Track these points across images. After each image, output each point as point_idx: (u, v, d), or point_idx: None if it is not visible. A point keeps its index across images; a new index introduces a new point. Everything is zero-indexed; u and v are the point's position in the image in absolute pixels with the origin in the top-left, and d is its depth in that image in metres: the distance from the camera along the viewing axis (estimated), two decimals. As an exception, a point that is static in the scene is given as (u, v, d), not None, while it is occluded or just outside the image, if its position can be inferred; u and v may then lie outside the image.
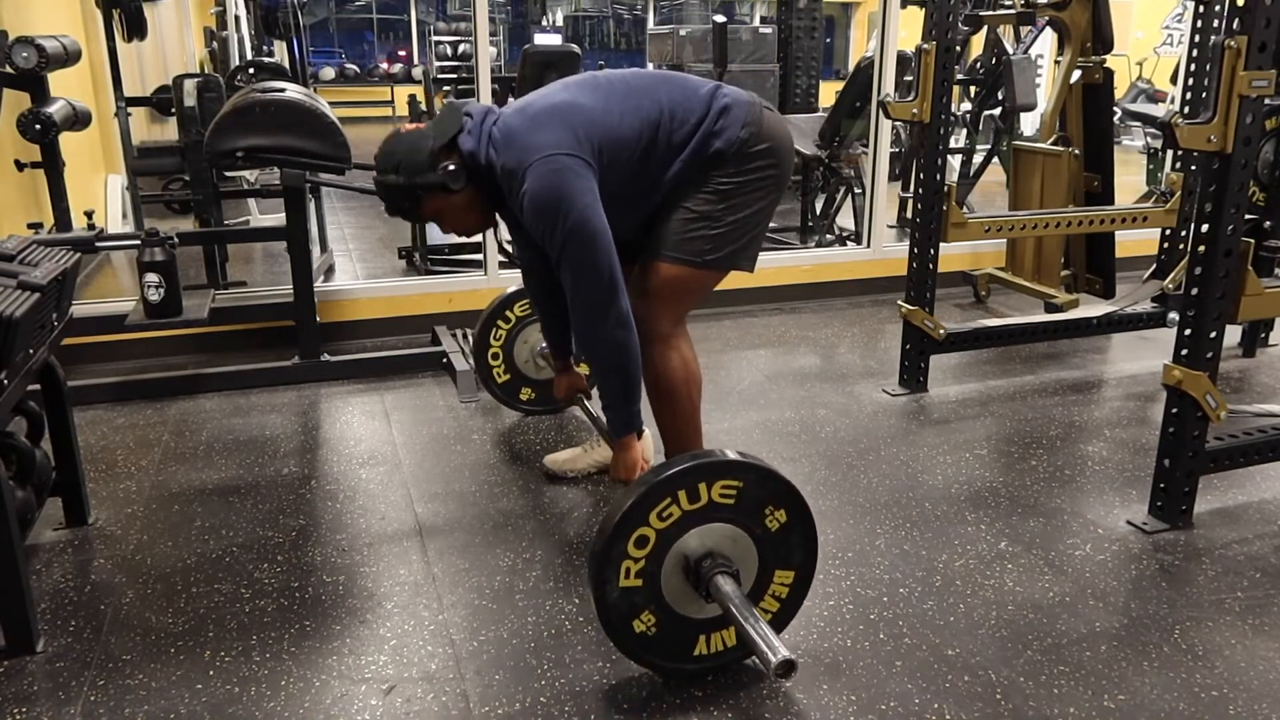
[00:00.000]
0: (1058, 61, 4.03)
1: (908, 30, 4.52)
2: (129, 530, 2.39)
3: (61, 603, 2.07)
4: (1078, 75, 3.91)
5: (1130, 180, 6.23)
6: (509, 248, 3.93)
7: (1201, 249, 2.22)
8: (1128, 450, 2.88)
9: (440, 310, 3.91)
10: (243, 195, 5.36)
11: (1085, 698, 1.78)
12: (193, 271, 4.15)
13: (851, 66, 7.22)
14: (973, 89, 5.91)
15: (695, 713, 1.74)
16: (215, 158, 3.11)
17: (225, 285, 4.23)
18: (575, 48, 5.10)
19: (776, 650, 1.56)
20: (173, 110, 4.16)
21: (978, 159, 5.96)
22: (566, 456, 2.70)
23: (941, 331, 3.33)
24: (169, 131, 5.72)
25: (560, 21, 17.07)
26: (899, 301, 3.37)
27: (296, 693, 1.79)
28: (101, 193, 5.37)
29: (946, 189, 3.21)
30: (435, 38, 14.47)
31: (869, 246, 4.65)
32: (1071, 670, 1.86)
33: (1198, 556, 2.28)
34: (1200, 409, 2.30)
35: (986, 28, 5.15)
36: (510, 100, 2.45)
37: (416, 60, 15.70)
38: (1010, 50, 5.07)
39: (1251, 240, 2.33)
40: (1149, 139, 6.87)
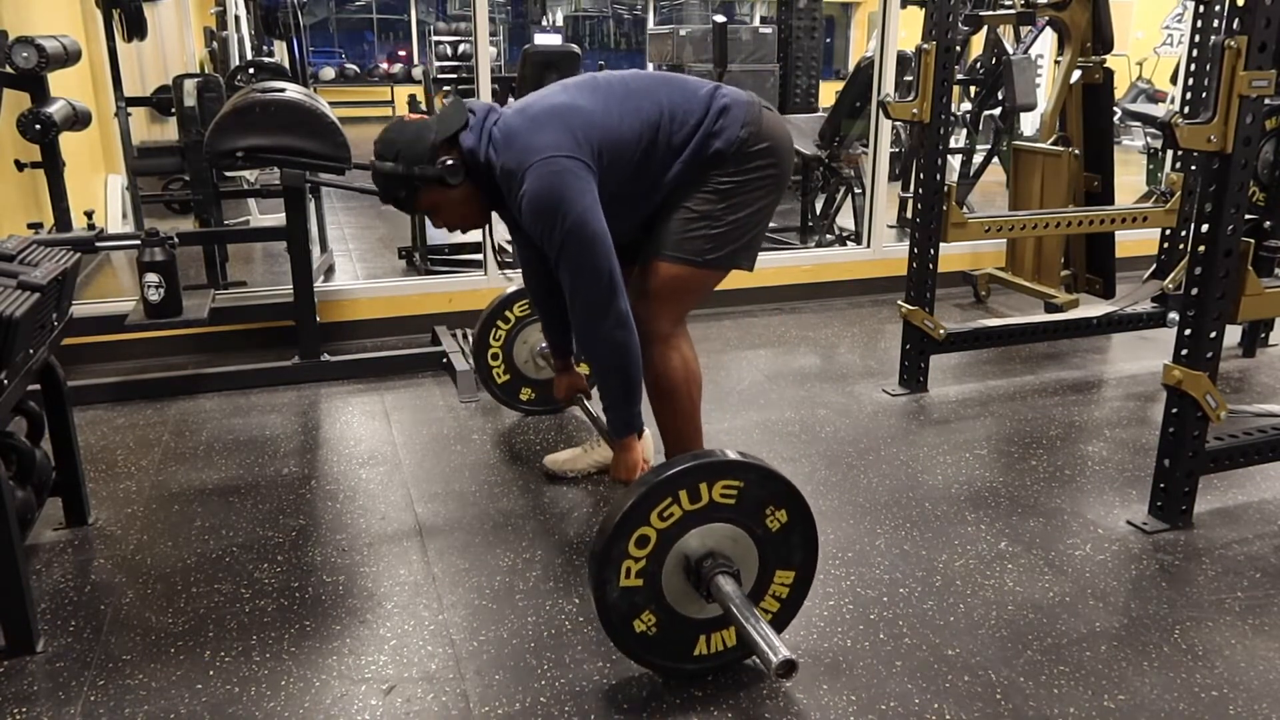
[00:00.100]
0: (1058, 61, 4.03)
1: (908, 30, 4.52)
2: (129, 530, 2.39)
3: (61, 603, 2.07)
4: (1078, 75, 3.91)
5: (1130, 180, 6.23)
6: (508, 247, 3.94)
7: (1201, 249, 2.22)
8: (1128, 450, 2.88)
9: (440, 310, 3.91)
10: (243, 195, 5.36)
11: (1085, 698, 1.79)
12: (193, 271, 4.15)
13: (851, 66, 7.22)
14: (973, 89, 5.91)
15: (695, 713, 1.74)
16: (215, 158, 3.11)
17: (225, 285, 4.23)
18: (575, 48, 5.09)
19: (777, 650, 1.56)
20: (173, 110, 4.16)
21: (978, 159, 5.96)
22: (566, 456, 2.70)
23: (941, 331, 3.33)
24: (169, 131, 5.72)
25: (560, 21, 17.06)
26: (899, 301, 3.37)
27: (296, 693, 1.79)
28: (101, 193, 5.37)
29: (946, 189, 3.21)
30: (435, 38, 14.46)
31: (869, 246, 4.65)
32: (1071, 670, 1.86)
33: (1198, 556, 2.28)
34: (1200, 409, 2.30)
35: (986, 28, 5.15)
36: (510, 100, 2.44)
37: (416, 60, 15.71)
38: (1010, 50, 5.06)
39: (1251, 240, 2.33)
40: (1149, 139, 6.87)
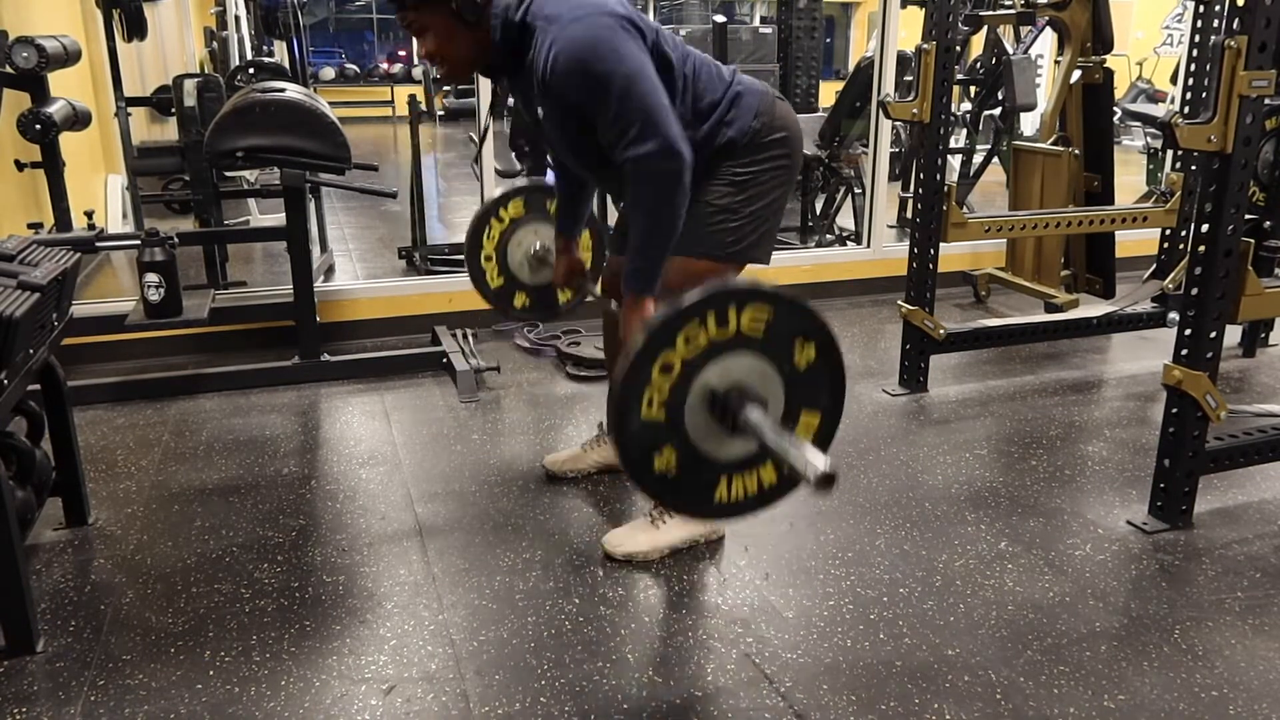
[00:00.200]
0: (1058, 61, 4.03)
1: (908, 30, 4.51)
2: (129, 530, 2.39)
3: (61, 603, 2.07)
4: (1078, 75, 3.91)
5: (1130, 180, 6.23)
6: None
7: (1201, 249, 2.22)
8: (1128, 450, 2.88)
9: (440, 310, 3.91)
10: (243, 195, 5.35)
11: (1085, 698, 1.79)
12: (193, 271, 4.14)
13: (851, 66, 7.22)
14: (973, 89, 5.91)
15: (695, 713, 1.75)
16: (215, 158, 3.12)
17: (225, 285, 4.23)
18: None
19: (815, 465, 1.47)
20: (173, 110, 4.16)
21: (978, 159, 5.96)
22: (566, 456, 2.70)
23: (941, 331, 3.33)
24: (169, 131, 5.72)
25: (560, 22, 17.02)
26: (899, 301, 3.37)
27: (296, 693, 1.79)
28: (101, 193, 5.37)
29: (946, 189, 3.21)
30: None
31: (869, 246, 4.65)
32: (1071, 670, 1.86)
33: (1198, 556, 2.28)
34: (1200, 409, 2.30)
35: (986, 28, 5.15)
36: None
37: (416, 60, 15.69)
38: (1010, 50, 5.06)
39: (1251, 240, 2.33)
40: (1149, 139, 6.87)
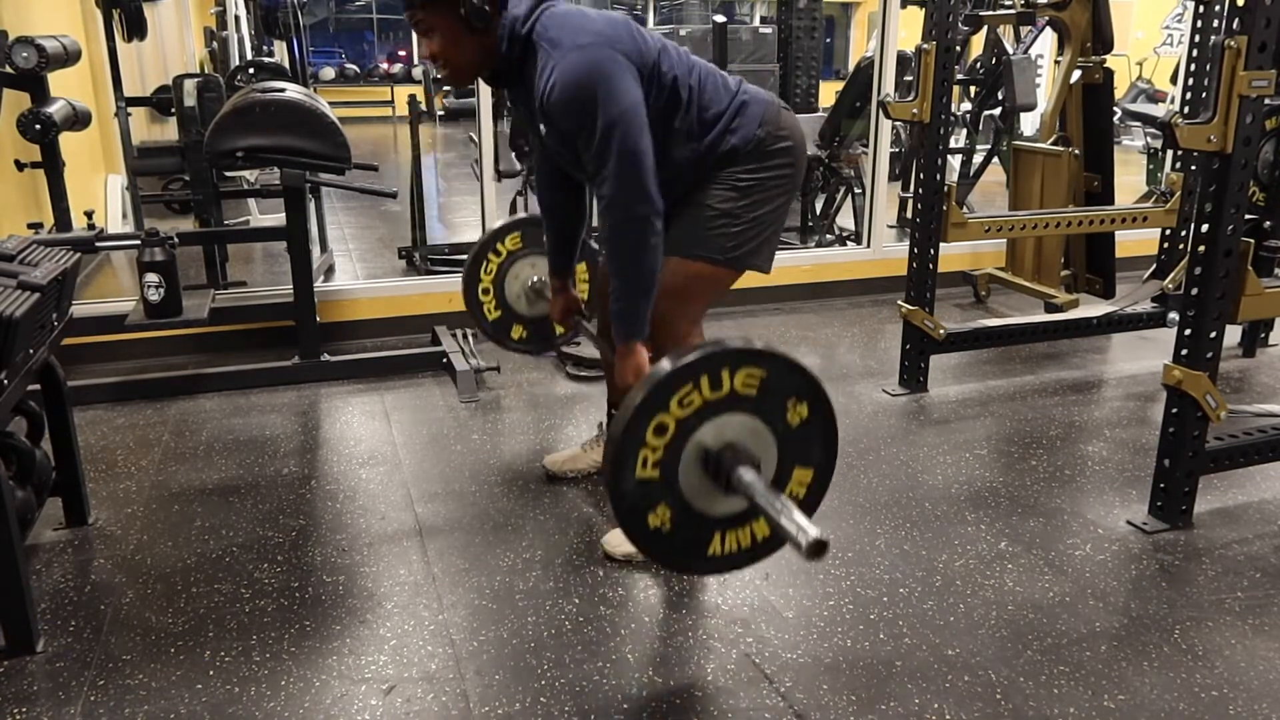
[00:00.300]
0: (1058, 61, 4.03)
1: (908, 30, 4.52)
2: (129, 530, 2.39)
3: (61, 603, 2.07)
4: (1078, 75, 3.91)
5: (1130, 180, 6.23)
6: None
7: (1201, 249, 2.22)
8: (1128, 450, 2.88)
9: (440, 310, 3.91)
10: (243, 195, 5.35)
11: (1085, 698, 1.79)
12: (193, 271, 4.15)
13: (851, 66, 7.22)
14: (973, 89, 5.90)
15: (695, 713, 1.74)
16: (215, 158, 3.12)
17: (225, 285, 4.23)
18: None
19: (808, 532, 1.48)
20: (173, 110, 4.16)
21: (978, 159, 5.96)
22: (566, 456, 2.70)
23: (941, 331, 3.33)
24: (169, 131, 5.72)
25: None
26: (899, 301, 3.37)
27: (296, 693, 1.79)
28: (101, 193, 5.37)
29: (946, 189, 3.21)
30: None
31: (869, 246, 4.65)
32: (1071, 670, 1.86)
33: (1198, 556, 2.28)
34: (1200, 409, 2.30)
35: (986, 28, 5.15)
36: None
37: (416, 60, 15.69)
38: (1010, 50, 5.06)
39: (1251, 240, 2.33)
40: (1149, 139, 6.87)
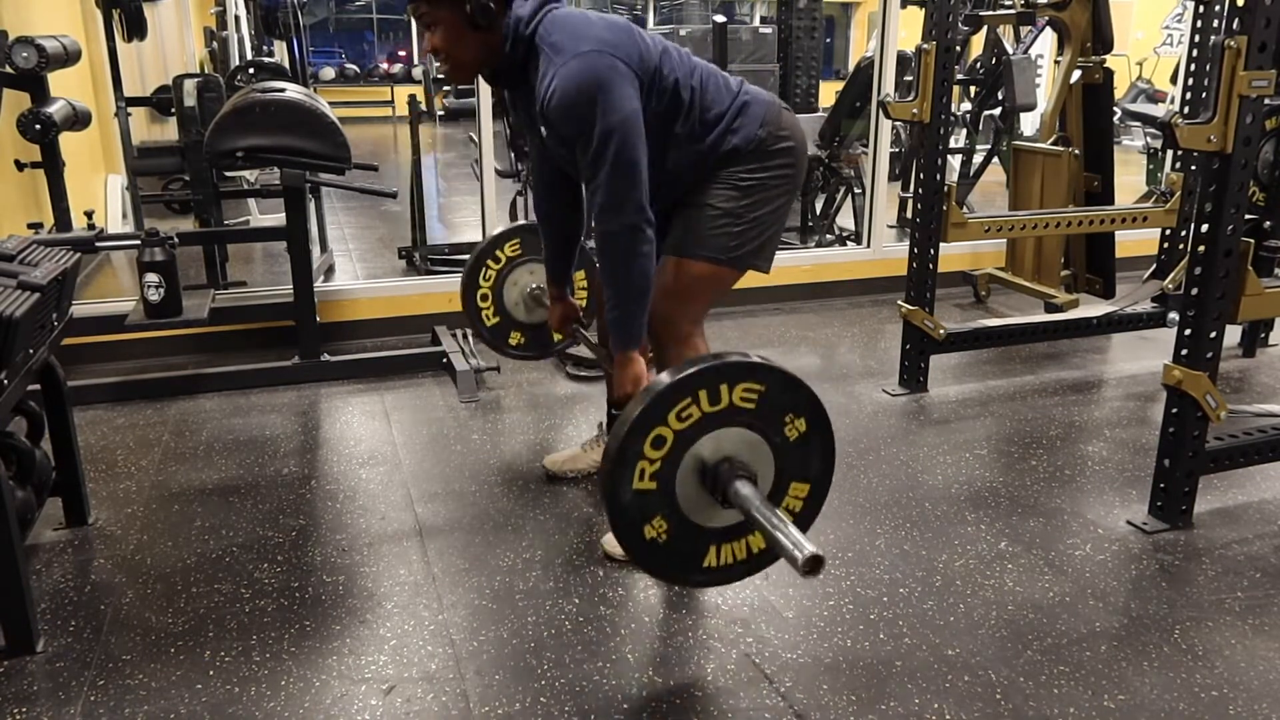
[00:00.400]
0: (1058, 61, 4.03)
1: (908, 30, 4.52)
2: (129, 530, 2.39)
3: (61, 603, 2.07)
4: (1078, 75, 3.91)
5: (1130, 180, 6.23)
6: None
7: (1201, 249, 2.22)
8: (1128, 450, 2.88)
9: (440, 310, 3.91)
10: (243, 195, 5.35)
11: (1085, 698, 1.79)
12: (193, 271, 4.15)
13: (851, 66, 7.22)
14: (973, 89, 5.90)
15: (695, 713, 1.74)
16: (215, 158, 3.12)
17: (225, 285, 4.23)
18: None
19: (804, 547, 1.49)
20: (173, 110, 4.16)
21: (978, 159, 5.95)
22: (566, 456, 2.70)
23: (941, 331, 3.33)
24: (169, 131, 5.72)
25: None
26: (899, 301, 3.37)
27: (296, 693, 1.79)
28: (101, 193, 5.37)
29: (946, 189, 3.21)
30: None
31: (869, 246, 4.65)
32: (1071, 670, 1.86)
33: (1198, 556, 2.28)
34: (1200, 409, 2.30)
35: (986, 28, 5.15)
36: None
37: (416, 60, 15.70)
38: (1010, 50, 5.06)
39: (1251, 240, 2.33)
40: (1149, 139, 6.87)
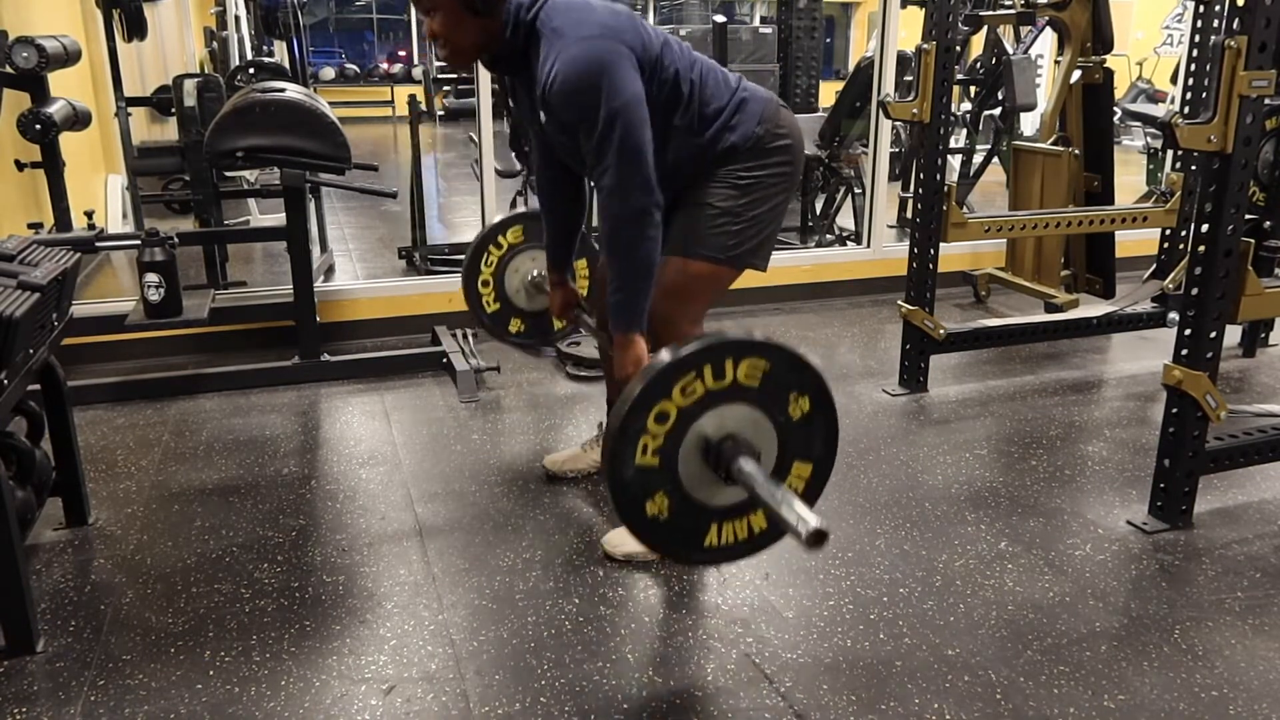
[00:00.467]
0: (1058, 61, 4.03)
1: (908, 30, 4.51)
2: (129, 530, 2.39)
3: (61, 603, 2.07)
4: (1078, 75, 3.91)
5: (1130, 180, 6.23)
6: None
7: (1201, 249, 2.22)
8: (1128, 450, 2.88)
9: (440, 310, 3.91)
10: (243, 195, 5.35)
11: (1085, 698, 1.79)
12: (193, 271, 4.15)
13: (851, 66, 7.22)
14: (973, 89, 5.90)
15: (695, 713, 1.75)
16: (215, 158, 3.12)
17: (225, 285, 4.23)
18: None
19: (808, 521, 1.48)
20: (173, 110, 4.16)
21: (978, 159, 5.96)
22: (566, 456, 2.70)
23: (941, 331, 3.33)
24: (169, 131, 5.72)
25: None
26: (899, 301, 3.37)
27: (296, 693, 1.79)
28: (101, 193, 5.37)
29: (946, 189, 3.21)
30: (435, 38, 14.41)
31: (869, 246, 4.65)
32: (1071, 670, 1.86)
33: (1198, 556, 2.28)
34: (1200, 409, 2.30)
35: (986, 28, 5.15)
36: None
37: (416, 60, 15.68)
38: (1010, 50, 5.06)
39: (1251, 240, 2.33)
40: (1149, 139, 6.87)
